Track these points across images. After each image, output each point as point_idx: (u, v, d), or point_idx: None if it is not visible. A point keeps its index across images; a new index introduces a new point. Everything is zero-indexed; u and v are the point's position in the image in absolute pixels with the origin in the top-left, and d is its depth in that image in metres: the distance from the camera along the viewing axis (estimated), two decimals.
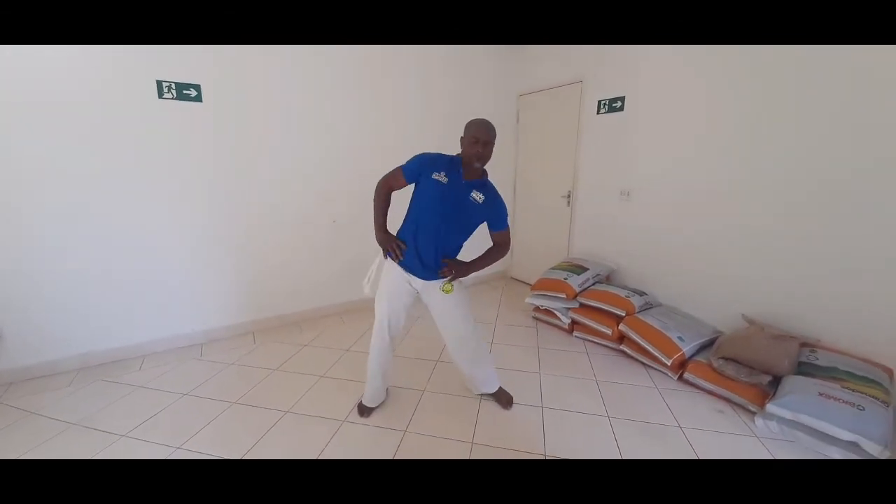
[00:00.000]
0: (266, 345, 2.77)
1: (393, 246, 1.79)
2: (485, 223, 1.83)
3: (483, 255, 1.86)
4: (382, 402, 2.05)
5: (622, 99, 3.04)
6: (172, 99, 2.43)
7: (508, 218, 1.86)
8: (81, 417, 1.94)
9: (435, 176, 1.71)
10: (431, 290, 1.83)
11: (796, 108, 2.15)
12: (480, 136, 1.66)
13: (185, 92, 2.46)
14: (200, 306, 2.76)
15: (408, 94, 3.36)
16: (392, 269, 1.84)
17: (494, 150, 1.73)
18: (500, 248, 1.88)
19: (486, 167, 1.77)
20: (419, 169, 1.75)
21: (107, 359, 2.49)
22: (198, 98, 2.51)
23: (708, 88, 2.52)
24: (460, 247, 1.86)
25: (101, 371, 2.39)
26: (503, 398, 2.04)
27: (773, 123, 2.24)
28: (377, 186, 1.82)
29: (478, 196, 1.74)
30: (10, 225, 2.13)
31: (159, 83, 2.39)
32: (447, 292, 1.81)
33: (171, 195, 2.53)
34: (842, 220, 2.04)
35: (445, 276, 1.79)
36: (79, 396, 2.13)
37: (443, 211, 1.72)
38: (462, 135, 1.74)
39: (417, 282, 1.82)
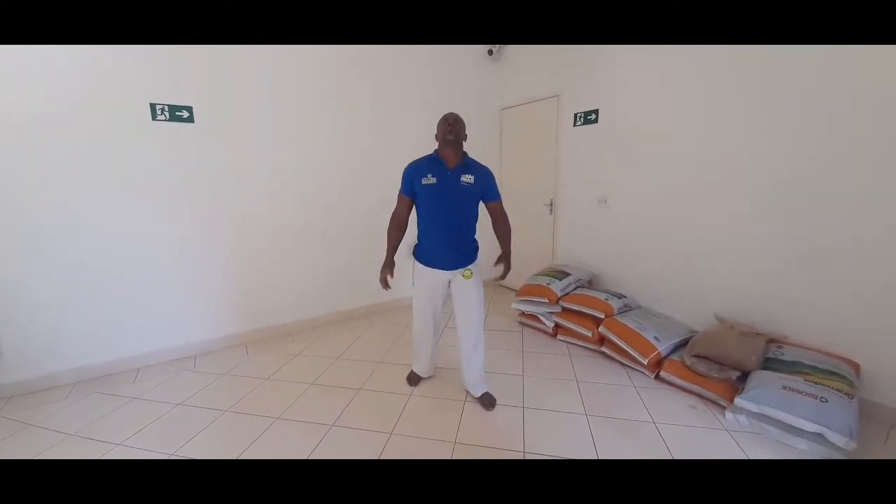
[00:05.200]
0: (258, 355, 2.84)
1: (384, 280, 2.05)
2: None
3: (500, 239, 2.14)
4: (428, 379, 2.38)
5: (596, 112, 3.20)
6: (165, 120, 2.55)
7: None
8: (78, 428, 2.01)
9: (424, 181, 1.89)
10: (456, 276, 2.05)
11: (757, 110, 2.28)
12: (449, 117, 1.93)
13: (177, 113, 2.59)
14: (194, 319, 2.84)
15: (394, 112, 3.50)
16: (425, 270, 2.06)
17: (481, 161, 1.95)
18: (501, 221, 2.10)
19: (465, 150, 1.99)
20: (410, 181, 1.95)
21: (102, 372, 2.55)
22: (190, 119, 2.63)
23: (674, 100, 2.67)
24: (474, 228, 2.06)
25: (96, 384, 2.46)
26: (486, 401, 2.14)
27: (736, 129, 2.39)
28: (390, 219, 2.06)
29: (468, 178, 1.92)
30: (8, 238, 2.22)
31: (153, 105, 2.51)
32: (467, 278, 2.04)
33: (163, 212, 2.63)
34: (805, 219, 2.16)
35: (503, 278, 2.15)
36: (75, 408, 2.19)
37: (444, 207, 1.92)
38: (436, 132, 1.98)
39: (446, 273, 2.04)
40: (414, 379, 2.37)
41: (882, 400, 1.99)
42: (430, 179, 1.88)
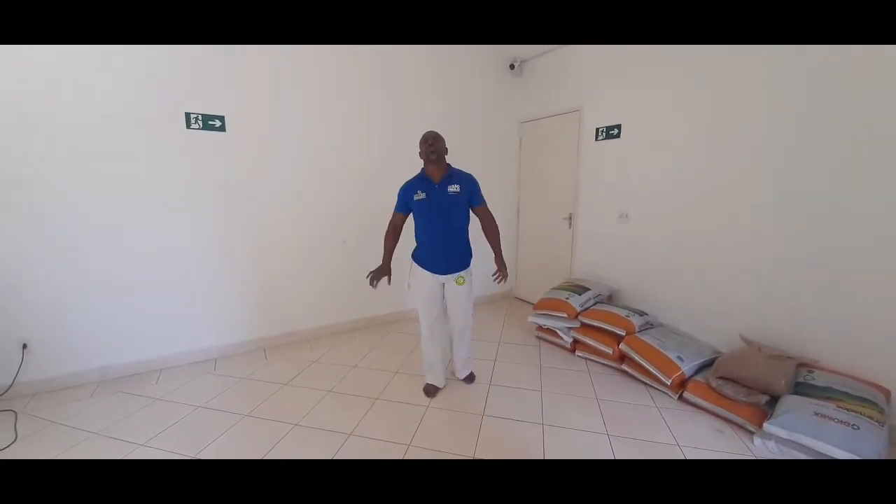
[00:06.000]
0: (277, 361, 2.86)
1: (377, 278, 2.18)
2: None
3: (490, 240, 2.28)
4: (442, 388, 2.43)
5: (619, 126, 3.19)
6: (199, 129, 2.64)
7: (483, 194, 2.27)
8: (102, 427, 2.04)
9: (416, 197, 2.12)
10: (450, 281, 2.23)
11: (796, 128, 2.22)
12: (428, 136, 2.13)
13: (210, 122, 2.67)
14: (215, 322, 2.89)
15: (413, 124, 3.53)
16: (422, 272, 2.23)
17: (498, 175, 2.00)
18: (488, 222, 2.26)
19: (450, 163, 2.20)
20: (404, 199, 2.19)
21: (125, 372, 2.60)
22: (222, 128, 2.71)
23: (697, 115, 2.65)
24: (466, 233, 2.26)
25: (120, 383, 2.50)
26: (469, 379, 2.50)
27: (772, 149, 2.33)
28: (386, 230, 2.28)
29: (454, 188, 2.13)
30: (42, 239, 2.30)
31: (187, 115, 2.60)
32: (460, 284, 2.23)
33: (190, 218, 2.71)
34: (840, 240, 2.09)
35: (502, 280, 2.25)
36: (99, 407, 2.24)
37: (435, 219, 2.13)
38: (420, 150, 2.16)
39: (441, 277, 2.21)
40: (431, 390, 2.38)
41: None
42: (420, 195, 2.11)
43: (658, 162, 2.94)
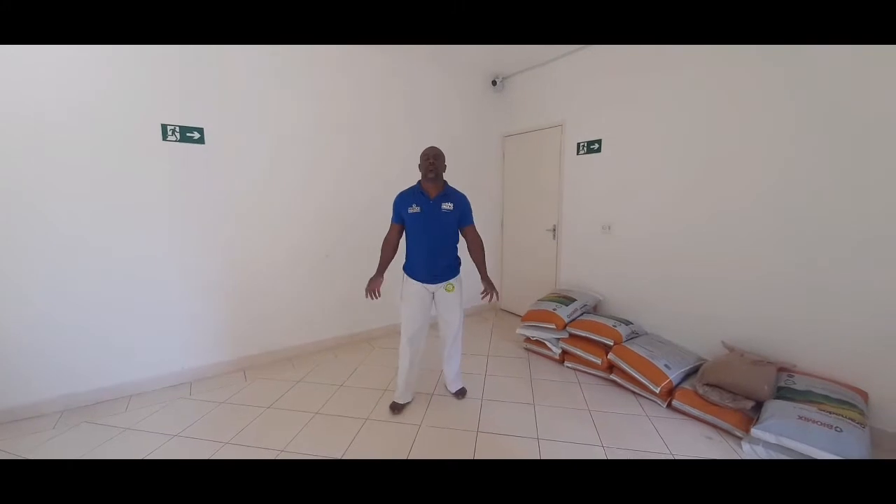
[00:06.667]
0: (257, 382, 2.73)
1: (373, 290, 2.21)
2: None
3: (476, 261, 2.32)
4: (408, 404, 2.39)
5: (599, 142, 3.29)
6: (176, 141, 2.54)
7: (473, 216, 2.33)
8: None
9: (410, 210, 2.16)
10: (439, 289, 2.27)
11: (763, 138, 2.34)
12: (429, 154, 2.17)
13: (188, 134, 2.57)
14: (189, 343, 2.73)
15: (399, 139, 3.54)
16: (412, 283, 2.26)
17: (482, 189, 2.05)
18: (476, 242, 2.31)
19: (446, 179, 2.25)
20: (399, 211, 2.22)
21: (92, 399, 2.42)
22: (200, 140, 2.62)
23: (675, 128, 2.77)
24: (455, 248, 2.30)
25: (86, 412, 2.32)
26: (460, 394, 2.49)
27: (740, 159, 2.46)
28: (383, 242, 2.29)
29: (447, 206, 2.18)
30: (2, 255, 2.14)
31: (164, 126, 2.49)
32: (449, 291, 2.28)
33: (163, 233, 2.57)
34: (817, 247, 2.19)
35: (488, 298, 2.26)
36: (64, 439, 2.06)
37: (428, 232, 2.17)
38: (419, 163, 2.22)
39: (431, 286, 2.25)
40: (395, 407, 2.33)
41: (889, 427, 2.00)
42: (415, 209, 2.16)
43: (638, 175, 3.04)
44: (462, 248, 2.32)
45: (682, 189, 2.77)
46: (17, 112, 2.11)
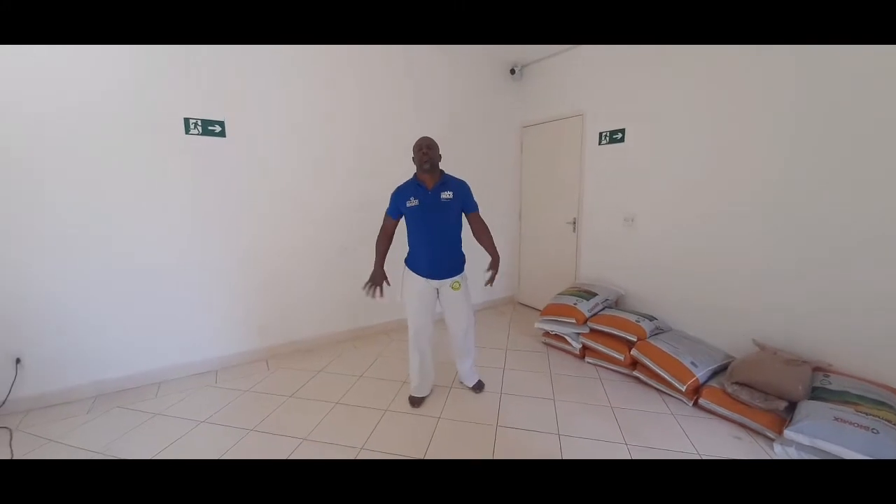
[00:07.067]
0: (280, 371, 2.79)
1: (378, 283, 2.18)
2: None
3: (485, 245, 2.24)
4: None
5: (622, 131, 3.19)
6: (198, 135, 2.57)
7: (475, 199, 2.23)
8: (102, 445, 1.95)
9: (408, 203, 2.09)
10: (444, 286, 2.19)
11: (801, 127, 2.23)
12: (422, 144, 2.08)
13: (210, 128, 2.61)
14: (216, 332, 2.80)
15: (416, 129, 3.49)
16: (415, 277, 2.17)
17: (500, 180, 1.98)
18: (482, 228, 2.23)
19: (443, 168, 2.17)
20: (396, 204, 2.15)
21: (123, 386, 2.51)
22: (221, 133, 2.65)
23: (703, 118, 2.65)
24: (459, 239, 2.21)
25: (117, 398, 2.41)
26: (478, 387, 2.44)
27: (777, 149, 2.34)
28: (378, 235, 2.23)
29: (447, 194, 2.09)
30: (32, 251, 2.21)
31: (186, 120, 2.53)
32: (455, 289, 2.18)
33: (189, 225, 2.63)
34: (851, 243, 2.09)
35: (492, 280, 2.21)
36: (97, 424, 2.14)
37: (428, 225, 2.09)
38: (413, 155, 2.12)
39: (435, 282, 2.17)
40: (413, 402, 2.32)
41: None
42: (413, 202, 2.08)
43: (664, 164, 2.93)
44: (468, 240, 2.26)
45: (711, 178, 2.65)
46: (48, 111, 2.17)
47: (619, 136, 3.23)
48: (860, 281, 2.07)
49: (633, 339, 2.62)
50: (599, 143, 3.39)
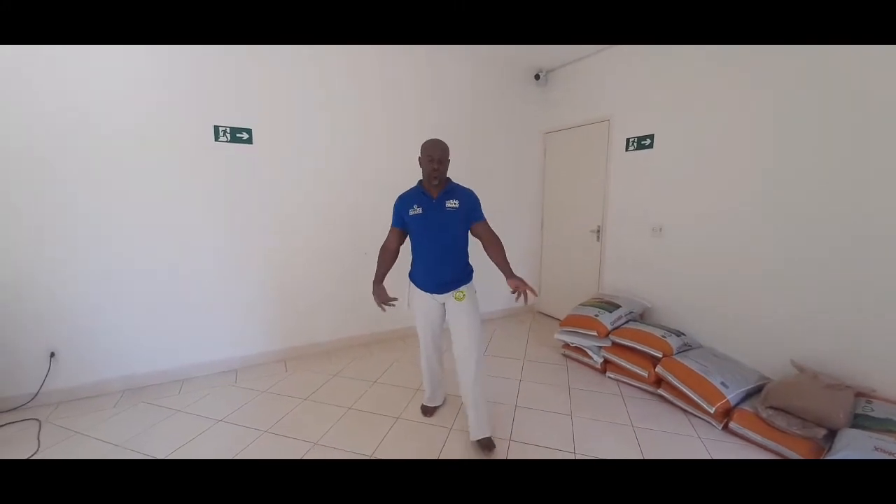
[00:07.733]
0: (297, 373, 2.83)
1: (379, 301, 1.99)
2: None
3: (496, 260, 1.93)
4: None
5: (651, 137, 3.06)
6: (227, 142, 2.67)
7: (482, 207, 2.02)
8: (125, 439, 2.03)
9: (411, 212, 1.95)
10: (449, 299, 2.00)
11: (843, 137, 2.08)
12: (434, 155, 1.87)
13: (238, 135, 2.70)
14: (237, 333, 2.88)
15: (441, 134, 3.47)
16: (419, 293, 2.05)
17: (521, 187, 1.88)
18: (491, 239, 1.96)
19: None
20: (399, 214, 2.01)
21: (148, 382, 2.61)
22: (249, 140, 2.73)
23: (737, 124, 2.51)
24: (465, 253, 2.04)
25: (143, 393, 2.51)
26: (484, 444, 1.95)
27: (812, 158, 2.18)
28: (380, 250, 2.09)
29: (452, 203, 1.93)
30: (67, 252, 2.33)
31: (216, 128, 2.63)
32: (459, 300, 1.97)
33: (216, 228, 2.72)
34: (888, 256, 1.92)
35: (523, 298, 1.81)
36: (122, 418, 2.23)
37: (432, 235, 1.94)
38: (420, 155, 1.94)
39: (440, 297, 2.01)
40: (425, 411, 2.30)
41: None
42: (416, 210, 1.94)
43: (694, 172, 2.79)
44: (476, 252, 2.05)
45: (743, 187, 2.50)
46: (76, 125, 2.30)
47: (648, 141, 3.11)
48: None
49: (659, 355, 2.49)
50: (626, 150, 3.28)
